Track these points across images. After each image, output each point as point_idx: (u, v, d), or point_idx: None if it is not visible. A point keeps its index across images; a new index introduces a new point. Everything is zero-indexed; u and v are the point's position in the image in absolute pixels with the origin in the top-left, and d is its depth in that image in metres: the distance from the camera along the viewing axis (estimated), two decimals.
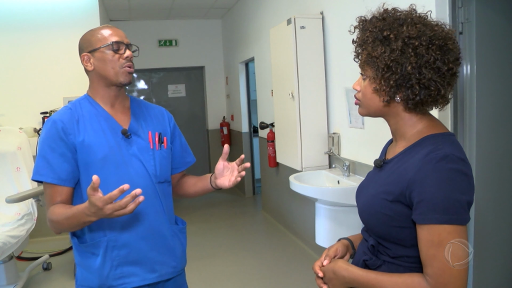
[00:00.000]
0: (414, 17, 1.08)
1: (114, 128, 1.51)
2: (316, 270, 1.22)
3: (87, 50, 1.49)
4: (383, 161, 1.18)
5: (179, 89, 7.24)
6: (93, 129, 1.49)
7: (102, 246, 1.48)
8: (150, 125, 1.59)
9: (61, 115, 1.49)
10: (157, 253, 1.54)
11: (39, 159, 1.46)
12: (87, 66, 1.50)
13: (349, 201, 2.64)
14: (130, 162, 1.50)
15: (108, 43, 1.46)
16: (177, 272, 1.61)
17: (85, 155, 1.46)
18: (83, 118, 1.49)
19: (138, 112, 1.60)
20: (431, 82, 1.04)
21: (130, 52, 1.50)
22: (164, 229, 1.56)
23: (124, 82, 1.49)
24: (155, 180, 1.54)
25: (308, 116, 3.41)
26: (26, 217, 3.34)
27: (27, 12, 4.74)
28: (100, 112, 1.52)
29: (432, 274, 0.99)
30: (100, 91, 1.53)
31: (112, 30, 1.50)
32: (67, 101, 3.71)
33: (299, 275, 3.52)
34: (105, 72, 1.48)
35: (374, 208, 1.11)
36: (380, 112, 1.15)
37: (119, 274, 1.50)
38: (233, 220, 5.33)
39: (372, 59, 1.09)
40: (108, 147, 1.48)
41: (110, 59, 1.46)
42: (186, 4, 5.92)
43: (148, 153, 1.54)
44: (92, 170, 1.45)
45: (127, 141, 1.51)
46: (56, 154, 1.44)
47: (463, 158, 1.02)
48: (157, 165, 1.55)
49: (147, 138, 1.55)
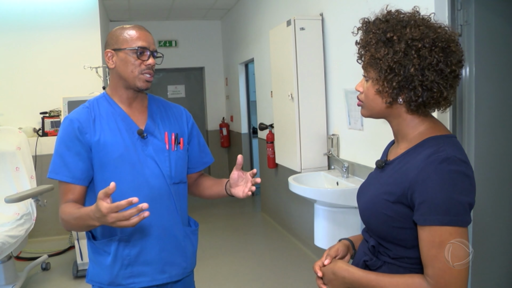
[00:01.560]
0: (417, 19, 1.08)
1: (131, 128, 1.51)
2: (316, 270, 1.23)
3: (112, 47, 1.49)
4: (384, 162, 1.18)
5: (179, 89, 7.24)
6: (110, 129, 1.49)
7: (114, 245, 1.49)
8: (167, 125, 1.59)
9: (78, 114, 1.50)
10: (168, 254, 1.54)
11: (56, 157, 1.47)
12: (109, 63, 1.49)
13: (348, 202, 2.65)
14: (145, 162, 1.50)
15: (134, 47, 1.45)
16: (187, 273, 1.62)
17: (100, 154, 1.47)
18: (100, 117, 1.50)
19: (155, 112, 1.59)
20: (434, 84, 1.04)
21: (153, 61, 1.49)
22: (176, 230, 1.56)
23: (141, 87, 1.49)
24: (170, 181, 1.53)
25: (307, 118, 3.42)
26: (25, 217, 3.34)
27: (27, 12, 4.74)
28: (118, 111, 1.52)
29: (432, 275, 0.99)
30: (119, 91, 1.53)
31: (141, 33, 1.48)
32: (66, 102, 3.72)
33: (297, 276, 3.52)
34: (124, 74, 1.47)
35: (375, 209, 1.12)
36: (382, 114, 1.15)
37: (129, 273, 1.50)
38: (232, 221, 5.33)
39: (375, 60, 1.09)
40: (123, 147, 1.48)
41: (132, 63, 1.46)
42: (185, 5, 5.93)
43: (163, 154, 1.53)
44: (107, 169, 1.46)
45: (143, 142, 1.51)
46: (72, 153, 1.45)
47: (465, 160, 1.02)
48: (172, 166, 1.54)
49: (163, 138, 1.55)
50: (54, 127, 4.66)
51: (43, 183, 3.69)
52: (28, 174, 3.53)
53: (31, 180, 3.53)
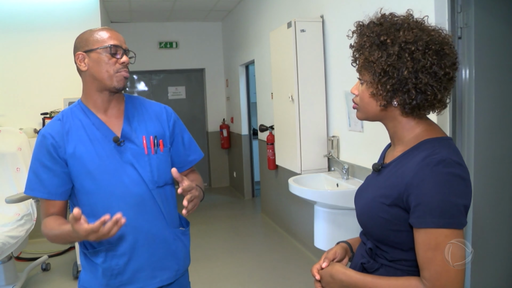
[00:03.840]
0: (411, 22, 1.09)
1: (107, 136, 1.47)
2: (314, 274, 1.23)
3: (82, 50, 1.44)
4: (381, 165, 1.18)
5: (179, 91, 7.25)
6: (84, 140, 1.45)
7: (102, 255, 1.49)
8: (143, 128, 1.53)
9: (51, 128, 1.46)
10: (158, 258, 1.52)
11: (30, 174, 1.46)
12: (81, 65, 1.44)
13: (348, 204, 2.65)
14: (124, 170, 1.46)
15: (106, 45, 1.42)
16: (179, 274, 1.60)
17: (76, 167, 1.44)
18: (74, 129, 1.46)
19: (132, 115, 1.54)
20: (428, 87, 1.04)
21: (127, 58, 1.45)
22: (165, 233, 1.53)
23: (118, 87, 1.44)
24: (153, 185, 1.49)
25: (307, 119, 3.42)
26: (25, 218, 3.35)
27: (28, 13, 4.75)
28: (92, 120, 1.48)
29: (429, 277, 1.00)
30: (93, 96, 1.48)
31: (112, 33, 1.46)
32: (67, 102, 3.73)
33: (297, 278, 3.52)
34: (99, 74, 1.42)
35: (372, 212, 1.12)
36: (377, 117, 1.15)
37: (119, 282, 1.49)
38: (232, 222, 5.33)
39: (369, 63, 1.09)
40: (98, 158, 1.45)
41: (106, 62, 1.42)
42: (186, 7, 5.94)
43: (143, 159, 1.49)
44: (85, 180, 1.44)
45: (120, 149, 1.47)
46: (46, 169, 1.44)
47: (460, 162, 1.02)
48: (153, 170, 1.50)
49: (141, 143, 1.50)
50: None
51: None
52: None
53: None
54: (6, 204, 3.15)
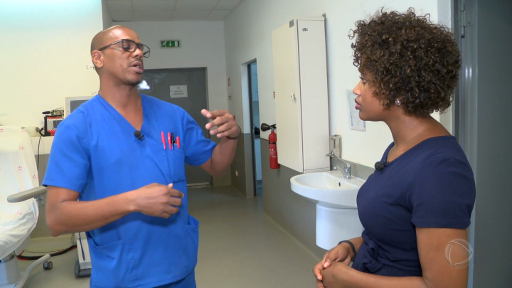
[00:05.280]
0: (412, 20, 1.08)
1: (127, 130, 1.51)
2: (315, 273, 1.22)
3: (97, 48, 1.50)
4: (383, 164, 1.18)
5: (181, 90, 7.25)
6: (106, 133, 1.48)
7: (118, 249, 1.49)
8: (161, 125, 1.59)
9: (74, 120, 1.48)
10: (172, 253, 1.55)
11: (51, 163, 1.44)
12: (97, 63, 1.50)
13: (350, 203, 2.64)
14: (143, 164, 1.50)
15: (119, 40, 1.47)
16: (189, 271, 1.63)
17: (99, 159, 1.46)
18: (96, 122, 1.49)
19: (149, 112, 1.59)
20: (431, 85, 1.04)
21: (140, 51, 1.50)
22: (178, 229, 1.56)
23: (132, 80, 1.49)
24: (170, 180, 1.53)
25: (309, 118, 3.41)
26: (27, 217, 3.35)
27: (31, 12, 4.76)
28: (113, 114, 1.52)
29: (431, 277, 0.99)
30: (111, 91, 1.52)
31: (123, 29, 1.52)
32: (69, 102, 3.73)
33: (299, 277, 3.52)
34: (113, 69, 1.48)
35: (374, 211, 1.11)
36: (380, 116, 1.15)
37: (134, 276, 1.50)
38: (233, 221, 5.33)
39: (371, 62, 1.09)
40: (120, 150, 1.47)
41: (119, 56, 1.47)
42: (188, 5, 5.93)
43: (161, 154, 1.54)
44: (106, 173, 1.46)
45: (140, 143, 1.51)
46: (68, 160, 1.43)
47: (463, 162, 1.01)
48: (170, 165, 1.55)
49: (159, 138, 1.55)
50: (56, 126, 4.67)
51: None
52: (31, 174, 3.54)
53: (34, 180, 3.54)
54: (8, 203, 3.15)
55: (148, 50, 1.56)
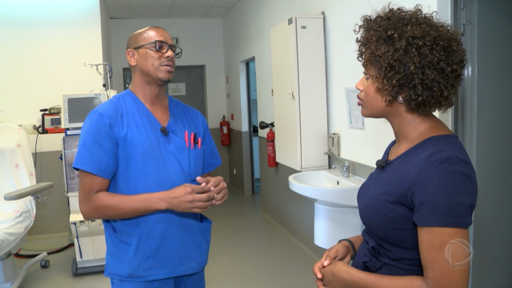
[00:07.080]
0: (419, 17, 1.07)
1: (154, 125, 1.59)
2: (315, 272, 1.22)
3: (132, 47, 1.60)
4: (385, 162, 1.17)
5: (179, 87, 7.23)
6: (136, 124, 1.56)
7: (136, 237, 1.55)
8: (186, 125, 1.67)
9: (107, 108, 1.55)
10: (186, 248, 1.61)
11: (82, 148, 1.51)
12: (131, 61, 1.60)
13: (348, 201, 2.64)
14: (168, 158, 1.57)
15: (152, 41, 1.56)
16: (201, 267, 1.70)
17: (126, 148, 1.53)
18: (127, 113, 1.57)
19: (175, 112, 1.68)
20: (434, 83, 1.03)
21: (172, 53, 1.59)
22: (193, 225, 1.64)
23: (163, 78, 1.57)
24: (189, 178, 1.60)
25: (308, 116, 3.40)
26: (24, 215, 3.33)
27: (28, 9, 4.73)
28: (141, 108, 1.60)
29: (432, 277, 0.98)
30: (142, 88, 1.61)
31: (158, 30, 1.59)
32: (67, 99, 3.71)
33: (297, 275, 3.52)
34: (146, 68, 1.56)
35: (375, 209, 1.10)
36: (382, 113, 1.14)
37: (149, 265, 1.56)
38: (231, 219, 5.32)
39: (375, 58, 1.08)
40: (148, 142, 1.55)
41: (151, 56, 1.55)
42: (187, 3, 5.91)
43: (184, 152, 1.61)
44: (132, 163, 1.53)
45: (165, 139, 1.59)
46: (99, 147, 1.50)
47: (466, 161, 1.01)
48: (191, 163, 1.62)
49: (183, 137, 1.63)
50: (54, 124, 4.65)
51: (42, 181, 3.68)
52: (28, 172, 3.52)
53: (31, 178, 3.53)
54: (5, 201, 3.13)
55: (180, 51, 1.65)
